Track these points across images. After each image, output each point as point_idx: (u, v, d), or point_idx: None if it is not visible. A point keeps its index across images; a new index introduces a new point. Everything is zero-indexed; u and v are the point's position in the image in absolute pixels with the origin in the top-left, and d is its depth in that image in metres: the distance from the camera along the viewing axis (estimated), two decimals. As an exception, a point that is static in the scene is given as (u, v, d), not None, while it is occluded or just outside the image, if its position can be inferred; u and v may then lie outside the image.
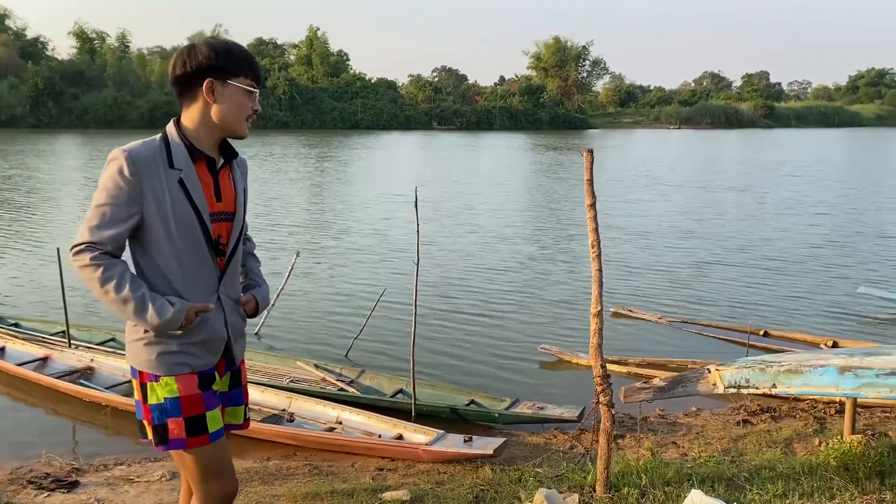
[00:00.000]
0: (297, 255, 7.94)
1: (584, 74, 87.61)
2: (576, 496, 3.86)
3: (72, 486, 4.39)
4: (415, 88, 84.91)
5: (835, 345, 7.24)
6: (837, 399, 5.67)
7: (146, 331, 2.28)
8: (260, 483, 4.43)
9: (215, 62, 2.26)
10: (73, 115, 61.04)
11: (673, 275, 10.79)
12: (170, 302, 2.24)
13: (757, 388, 4.08)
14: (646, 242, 13.34)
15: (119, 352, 6.78)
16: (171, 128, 2.32)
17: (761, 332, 7.69)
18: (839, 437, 4.79)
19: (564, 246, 13.28)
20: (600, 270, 4.12)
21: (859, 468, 4.16)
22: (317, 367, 6.41)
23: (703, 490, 3.87)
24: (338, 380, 6.14)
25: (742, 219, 16.53)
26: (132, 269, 2.33)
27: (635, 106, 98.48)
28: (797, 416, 5.57)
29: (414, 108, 77.48)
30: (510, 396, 5.68)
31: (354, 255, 12.15)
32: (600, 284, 4.10)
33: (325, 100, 71.72)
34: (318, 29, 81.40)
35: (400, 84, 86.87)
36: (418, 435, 4.95)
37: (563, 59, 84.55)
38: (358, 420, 5.27)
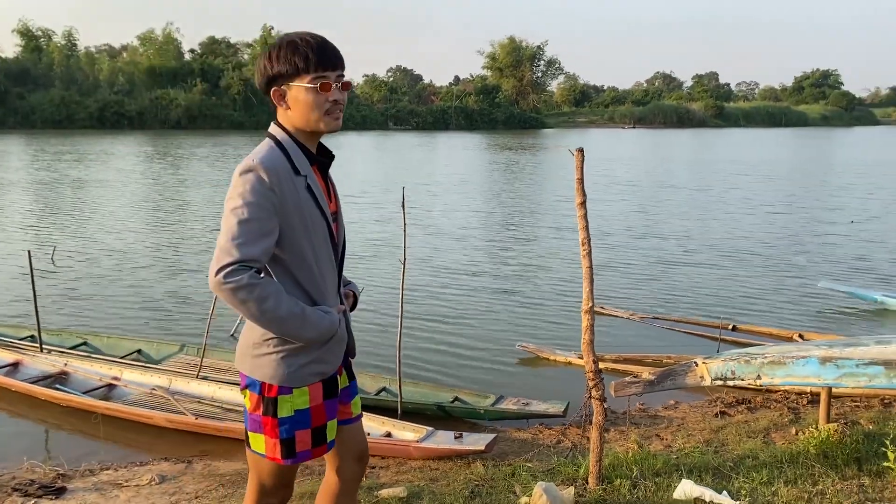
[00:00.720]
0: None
1: (539, 74, 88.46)
2: (571, 489, 3.93)
3: (59, 492, 4.31)
4: (370, 88, 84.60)
5: (801, 338, 7.47)
6: (808, 389, 5.88)
7: (281, 342, 2.19)
8: (253, 484, 4.41)
9: (272, 70, 2.19)
10: (18, 115, 59.22)
11: (638, 273, 10.99)
12: (324, 311, 2.22)
13: (742, 380, 4.23)
14: (608, 242, 13.51)
15: (94, 356, 6.67)
16: (278, 132, 2.23)
17: (730, 327, 7.89)
18: (815, 425, 4.96)
19: (532, 245, 13.43)
20: (591, 268, 4.19)
21: (838, 455, 4.32)
22: (298, 367, 6.37)
23: (692, 480, 4.00)
24: (320, 380, 6.12)
25: (700, 218, 16.87)
26: (277, 279, 2.26)
27: (590, 106, 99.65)
28: (772, 406, 5.75)
29: (369, 108, 77.18)
30: (492, 393, 5.75)
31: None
32: (591, 281, 4.18)
33: (280, 100, 70.97)
34: (273, 28, 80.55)
35: (355, 84, 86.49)
36: (407, 432, 4.98)
37: (518, 59, 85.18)
38: (345, 419, 5.27)
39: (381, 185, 22.89)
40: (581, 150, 4.13)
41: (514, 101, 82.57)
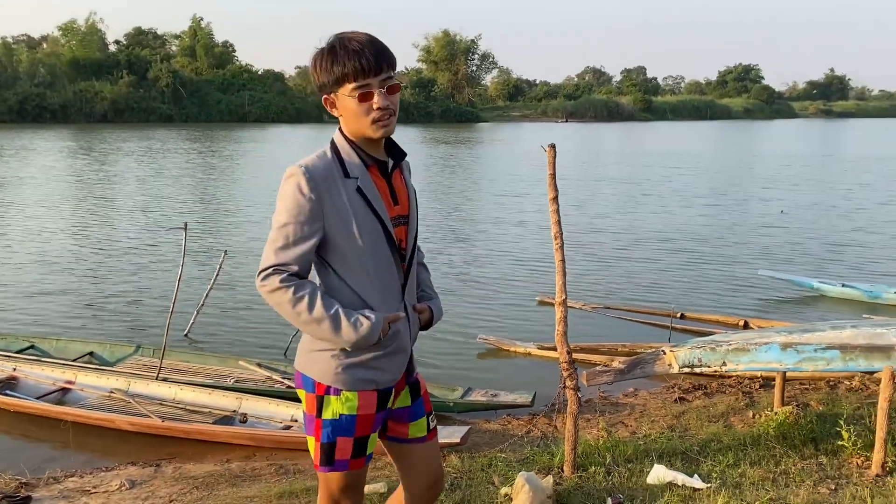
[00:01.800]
0: (225, 254, 7.76)
1: (474, 68, 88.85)
2: (549, 478, 4.01)
3: (24, 501, 4.17)
4: (303, 80, 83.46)
5: (746, 325, 7.78)
6: (760, 374, 6.13)
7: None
8: (228, 486, 4.36)
9: (319, 80, 2.15)
10: (-71, 109, 56.38)
11: (583, 266, 11.16)
12: (365, 316, 2.13)
13: (709, 367, 4.39)
14: (549, 236, 13.62)
15: (43, 359, 6.44)
16: (337, 137, 2.21)
17: (678, 315, 8.14)
18: (770, 408, 5.20)
19: (482, 238, 13.53)
20: (563, 260, 4.29)
21: (795, 436, 4.54)
22: (260, 365, 6.31)
23: (663, 465, 4.15)
24: (284, 378, 6.07)
25: (637, 211, 17.25)
26: (326, 284, 2.23)
27: (523, 100, 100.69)
28: (727, 391, 5.98)
29: (304, 100, 76.18)
30: (459, 386, 5.80)
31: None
32: (564, 273, 4.28)
33: (211, 92, 69.42)
34: (202, 19, 78.74)
35: (288, 76, 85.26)
36: (379, 428, 4.98)
37: (452, 52, 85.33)
38: (314, 417, 5.24)
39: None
40: (553, 147, 4.21)
41: (449, 94, 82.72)
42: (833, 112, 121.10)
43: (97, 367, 6.35)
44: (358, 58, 2.07)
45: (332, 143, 2.21)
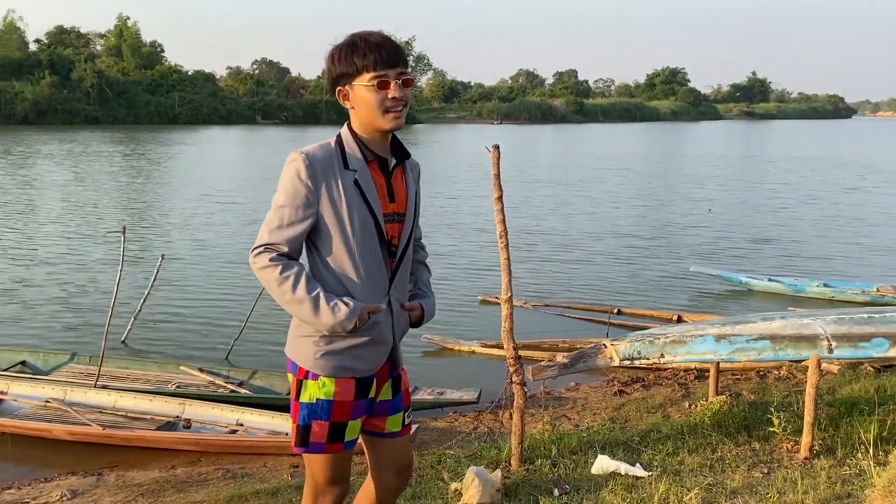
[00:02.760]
0: (163, 258, 7.61)
1: (409, 69, 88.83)
2: (498, 472, 4.10)
3: (-40, 516, 4.04)
4: (235, 81, 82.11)
5: (679, 319, 8.05)
6: (694, 366, 6.37)
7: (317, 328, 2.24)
8: (175, 492, 4.30)
9: (336, 70, 2.24)
10: None
11: (519, 266, 11.31)
12: (344, 302, 2.20)
13: (648, 359, 4.55)
14: (488, 238, 13.62)
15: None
16: (344, 130, 2.29)
17: (615, 311, 8.37)
18: (705, 398, 5.42)
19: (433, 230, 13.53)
20: (508, 259, 4.39)
21: (730, 424, 4.75)
22: (202, 370, 6.23)
23: (606, 455, 4.28)
24: (227, 382, 6.01)
25: (570, 211, 17.56)
26: (313, 269, 2.29)
27: (458, 101, 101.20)
28: (663, 383, 6.19)
29: (235, 101, 74.92)
30: (405, 386, 5.85)
31: (208, 256, 11.74)
32: (509, 272, 4.37)
33: (139, 93, 67.49)
34: (129, 18, 76.56)
35: (219, 77, 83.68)
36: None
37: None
38: (260, 420, 5.22)
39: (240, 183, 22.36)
40: (497, 147, 4.30)
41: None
42: (755, 114, 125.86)
43: (30, 376, 6.16)
44: (379, 50, 2.19)
45: (338, 136, 2.30)
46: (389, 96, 2.20)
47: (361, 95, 2.23)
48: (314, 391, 2.27)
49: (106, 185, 21.16)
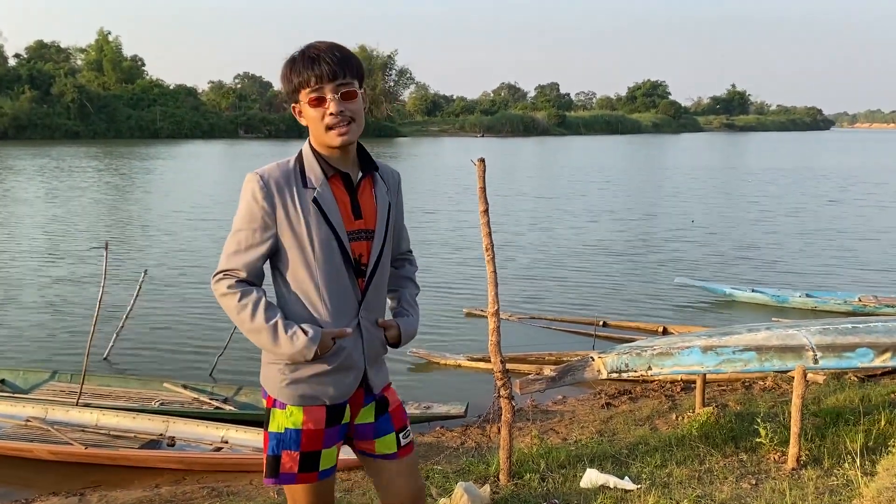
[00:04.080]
0: (146, 273, 7.54)
1: (391, 83, 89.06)
2: (487, 487, 4.08)
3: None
4: (216, 95, 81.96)
5: (665, 331, 8.08)
6: (680, 378, 6.38)
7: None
8: (159, 511, 4.24)
9: (285, 87, 2.15)
10: None
11: (505, 279, 11.31)
12: (303, 330, 2.10)
13: (635, 371, 4.54)
14: (472, 251, 13.55)
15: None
16: (305, 146, 2.20)
17: (601, 323, 8.38)
18: (692, 410, 5.42)
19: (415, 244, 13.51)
20: (495, 272, 4.38)
21: (717, 436, 4.76)
22: (185, 387, 6.16)
23: (595, 469, 4.27)
24: (211, 399, 5.95)
25: (555, 224, 17.56)
26: (278, 294, 2.20)
27: (441, 115, 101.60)
28: (650, 395, 6.19)
29: (217, 115, 74.69)
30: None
31: (191, 271, 11.65)
32: (496, 285, 4.37)
33: (120, 108, 67.16)
34: (109, 33, 76.26)
35: (201, 91, 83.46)
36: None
37: (369, 67, 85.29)
38: (245, 437, 5.16)
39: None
40: (483, 161, 4.31)
41: (368, 109, 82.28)
42: (735, 126, 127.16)
43: (10, 394, 6.06)
44: (313, 64, 2.08)
45: (299, 153, 2.21)
46: (328, 112, 2.09)
47: (306, 113, 2.14)
48: (282, 420, 2.18)
49: (86, 201, 20.98)
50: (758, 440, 4.54)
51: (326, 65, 2.07)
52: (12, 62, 69.72)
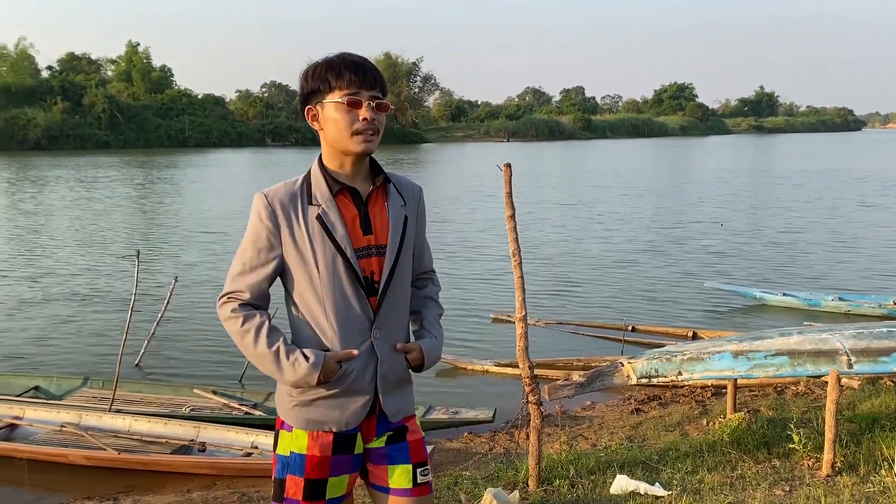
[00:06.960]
0: (176, 280, 7.63)
1: (416, 90, 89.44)
2: (516, 493, 4.06)
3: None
4: (244, 104, 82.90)
5: (694, 335, 8.00)
6: (710, 383, 6.31)
7: None
8: (190, 516, 4.28)
9: (307, 87, 2.08)
10: None
11: (534, 283, 11.30)
12: (304, 355, 2.02)
13: (665, 377, 4.51)
14: (498, 255, 13.54)
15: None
16: (314, 165, 2.14)
17: (629, 328, 8.32)
18: (723, 416, 5.36)
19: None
20: (522, 277, 4.37)
21: (749, 441, 4.70)
22: (215, 392, 6.22)
23: (625, 475, 4.24)
24: (241, 404, 6.00)
25: (582, 228, 17.51)
26: (289, 315, 2.14)
27: (466, 120, 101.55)
28: (680, 401, 6.13)
29: (245, 124, 75.54)
30: (420, 404, 5.81)
31: (220, 278, 11.77)
32: (523, 290, 4.35)
33: (149, 117, 68.20)
34: (138, 44, 77.54)
35: (228, 100, 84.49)
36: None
37: (394, 74, 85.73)
38: (275, 443, 5.19)
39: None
40: (508, 166, 4.30)
41: (392, 116, 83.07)
42: (764, 128, 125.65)
43: (45, 401, 6.16)
44: (355, 68, 2.05)
45: (308, 171, 2.16)
46: (360, 117, 2.03)
47: (331, 115, 2.05)
48: (288, 443, 2.11)
49: (118, 209, 21.32)
50: (791, 446, 4.47)
51: (369, 73, 2.06)
52: (45, 74, 71.04)
